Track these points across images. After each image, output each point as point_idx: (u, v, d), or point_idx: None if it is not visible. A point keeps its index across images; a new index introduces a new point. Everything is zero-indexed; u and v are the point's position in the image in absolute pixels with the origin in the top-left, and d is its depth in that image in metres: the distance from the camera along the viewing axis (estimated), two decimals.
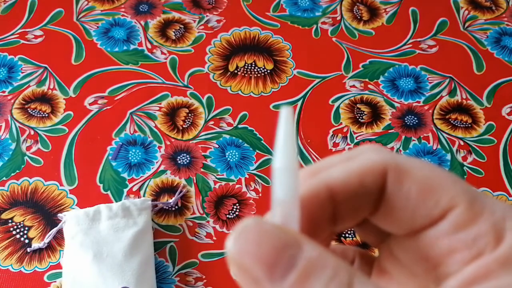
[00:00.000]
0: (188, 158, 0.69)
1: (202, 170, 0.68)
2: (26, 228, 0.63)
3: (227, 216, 0.65)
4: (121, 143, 0.69)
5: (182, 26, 0.80)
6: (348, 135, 0.71)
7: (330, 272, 0.15)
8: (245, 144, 0.70)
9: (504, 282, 0.16)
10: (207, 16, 0.81)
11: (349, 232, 0.65)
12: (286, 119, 0.17)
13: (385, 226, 0.20)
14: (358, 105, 0.74)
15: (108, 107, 0.72)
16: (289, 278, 0.15)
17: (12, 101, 0.72)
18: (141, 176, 0.67)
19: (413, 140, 0.71)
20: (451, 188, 0.18)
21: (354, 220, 0.20)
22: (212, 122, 0.71)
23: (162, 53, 0.77)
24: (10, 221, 0.63)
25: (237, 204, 0.66)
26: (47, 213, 0.64)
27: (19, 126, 0.70)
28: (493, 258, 0.17)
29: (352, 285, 0.15)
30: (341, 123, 0.72)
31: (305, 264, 0.15)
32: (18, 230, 0.63)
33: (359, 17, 0.82)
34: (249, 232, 0.16)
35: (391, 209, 0.19)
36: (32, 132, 0.69)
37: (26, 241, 0.62)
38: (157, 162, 0.68)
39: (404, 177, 0.18)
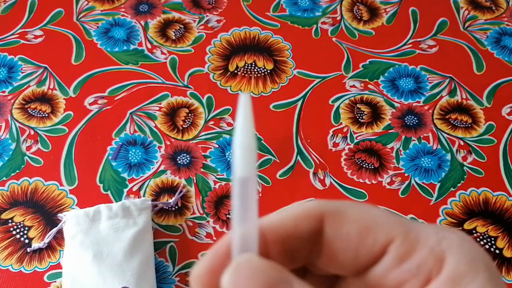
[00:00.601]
0: (188, 158, 0.69)
1: (202, 170, 0.68)
2: (26, 228, 0.63)
3: (227, 216, 0.65)
4: (121, 143, 0.69)
5: (182, 26, 0.80)
6: (348, 135, 0.71)
7: None
8: None
9: None
10: (207, 16, 0.81)
11: None
12: (244, 104, 0.18)
13: (330, 269, 0.20)
14: (358, 105, 0.74)
15: (108, 107, 0.72)
16: None
17: (12, 101, 0.72)
18: (141, 176, 0.67)
19: (413, 140, 0.71)
20: (385, 224, 0.19)
21: (289, 265, 0.20)
22: (212, 122, 0.71)
23: (162, 53, 0.77)
24: (10, 221, 0.63)
25: None
26: (47, 213, 0.64)
27: (19, 126, 0.70)
28: (442, 281, 0.17)
29: None
30: (341, 123, 0.72)
31: None
32: (18, 230, 0.63)
33: (359, 17, 0.82)
34: (242, 269, 0.17)
35: (333, 252, 0.19)
36: (32, 132, 0.69)
37: (26, 241, 0.62)
38: (157, 162, 0.68)
39: (341, 220, 0.19)
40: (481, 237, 0.64)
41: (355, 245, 0.19)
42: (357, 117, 0.73)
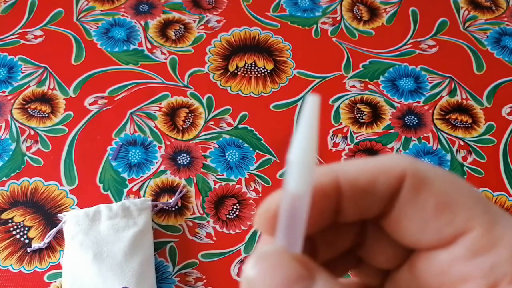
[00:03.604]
0: (188, 158, 0.69)
1: (202, 170, 0.68)
2: (26, 228, 0.63)
3: (227, 216, 0.65)
4: (121, 143, 0.69)
5: (182, 26, 0.80)
6: (348, 135, 0.71)
7: None
8: (245, 144, 0.70)
9: None
10: (207, 16, 0.81)
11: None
12: (310, 108, 0.15)
13: (392, 232, 0.19)
14: (358, 105, 0.74)
15: (108, 107, 0.72)
16: None
17: (12, 101, 0.72)
18: (141, 176, 0.67)
19: (413, 140, 0.71)
20: (470, 208, 0.16)
21: (357, 218, 0.19)
22: (212, 122, 0.71)
23: (162, 53, 0.77)
24: (10, 221, 0.63)
25: (237, 204, 0.66)
26: (47, 213, 0.64)
27: (19, 126, 0.70)
28: None
29: None
30: (341, 123, 0.72)
31: None
32: (18, 230, 0.63)
33: (359, 17, 0.82)
34: (265, 261, 0.16)
35: (401, 217, 0.18)
36: (32, 132, 0.69)
37: (26, 241, 0.62)
38: (157, 162, 0.68)
39: (423, 186, 0.17)
40: None
41: (427, 218, 0.17)
42: (357, 117, 0.73)
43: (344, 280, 0.22)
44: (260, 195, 0.67)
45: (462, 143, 0.71)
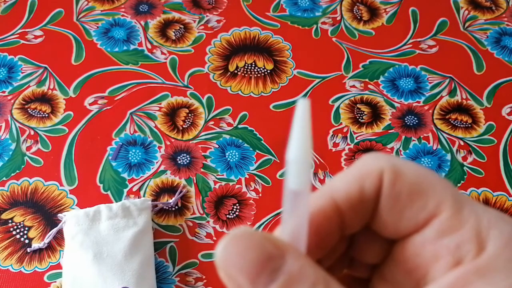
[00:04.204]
0: (188, 158, 0.69)
1: (202, 170, 0.68)
2: (26, 228, 0.63)
3: (227, 216, 0.65)
4: (121, 143, 0.69)
5: (182, 26, 0.80)
6: (348, 135, 0.71)
7: (308, 285, 0.16)
8: (245, 144, 0.70)
9: None
10: (207, 16, 0.81)
11: None
12: (302, 111, 0.17)
13: (375, 227, 0.20)
14: (358, 105, 0.74)
15: (108, 107, 0.72)
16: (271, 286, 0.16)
17: (12, 101, 0.72)
18: (141, 176, 0.67)
19: (413, 140, 0.71)
20: (439, 193, 0.18)
21: (361, 225, 0.20)
22: (212, 122, 0.71)
23: (162, 53, 0.77)
24: (10, 221, 0.63)
25: (237, 204, 0.66)
26: (47, 213, 0.64)
27: (19, 126, 0.70)
28: (473, 268, 0.17)
29: (322, 285, 0.16)
30: (341, 123, 0.72)
31: (285, 278, 0.16)
32: (18, 230, 0.63)
33: (359, 17, 0.82)
34: (235, 242, 0.16)
35: (382, 210, 0.19)
36: (32, 132, 0.69)
37: (26, 241, 0.62)
38: (157, 162, 0.68)
39: (398, 178, 0.19)
40: None
41: (402, 207, 0.18)
42: (357, 117, 0.73)
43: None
44: (260, 195, 0.67)
45: (462, 143, 0.71)
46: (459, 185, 0.68)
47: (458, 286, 0.17)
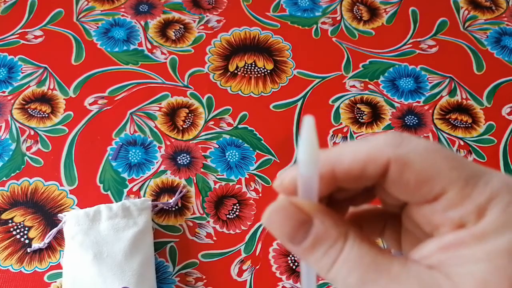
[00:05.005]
0: (188, 158, 0.69)
1: (202, 170, 0.68)
2: (26, 228, 0.63)
3: (227, 216, 0.65)
4: (121, 143, 0.69)
5: (182, 26, 0.80)
6: (348, 135, 0.71)
7: (330, 242, 0.21)
8: (245, 144, 0.70)
9: (471, 252, 0.19)
10: (207, 16, 0.81)
11: None
12: (308, 126, 0.20)
13: (385, 197, 0.24)
14: (358, 105, 0.74)
15: (108, 107, 0.72)
16: (303, 245, 0.22)
17: (12, 101, 0.72)
18: (141, 176, 0.67)
19: None
20: (446, 178, 0.20)
21: (353, 192, 0.25)
22: (212, 122, 0.71)
23: (162, 53, 0.77)
24: (10, 221, 0.63)
25: (237, 204, 0.66)
26: (47, 213, 0.64)
27: (19, 126, 0.70)
28: (470, 232, 0.20)
29: (343, 250, 0.21)
30: (341, 123, 0.72)
31: (313, 237, 0.21)
32: (18, 230, 0.63)
33: (359, 17, 0.82)
34: (275, 214, 0.22)
35: (392, 188, 0.22)
36: (32, 132, 0.69)
37: (26, 241, 0.62)
38: (157, 162, 0.68)
39: (405, 169, 0.21)
40: None
41: (412, 190, 0.21)
42: (357, 117, 0.73)
43: (370, 207, 0.27)
44: (260, 195, 0.67)
45: (462, 143, 0.71)
46: None
47: (455, 244, 0.20)
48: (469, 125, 0.73)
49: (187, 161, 0.68)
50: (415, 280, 0.20)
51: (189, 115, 0.72)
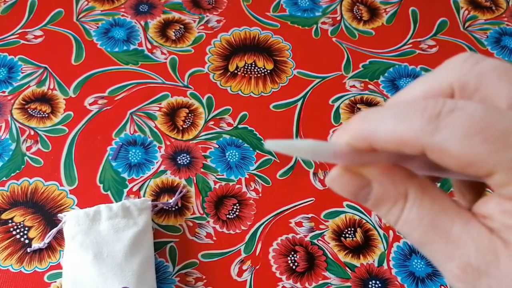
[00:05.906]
0: (188, 158, 0.69)
1: (202, 170, 0.68)
2: (26, 228, 0.63)
3: (227, 216, 0.65)
4: (121, 143, 0.69)
5: (182, 26, 0.80)
6: None
7: (391, 202, 0.22)
8: (245, 144, 0.70)
9: None
10: (207, 16, 0.81)
11: (349, 233, 0.65)
12: (279, 148, 0.22)
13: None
14: (358, 105, 0.74)
15: (108, 107, 0.72)
16: (368, 204, 0.23)
17: (12, 101, 0.72)
18: (141, 176, 0.67)
19: None
20: (487, 163, 0.19)
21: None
22: (212, 122, 0.71)
23: (162, 53, 0.77)
24: (10, 221, 0.63)
25: (237, 204, 0.66)
26: (47, 213, 0.64)
27: (19, 126, 0.70)
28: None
29: (403, 211, 0.22)
30: (341, 123, 0.72)
31: (374, 198, 0.23)
32: (18, 230, 0.63)
33: (359, 17, 0.82)
34: (338, 179, 0.24)
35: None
36: (32, 132, 0.69)
37: (26, 241, 0.62)
38: (157, 162, 0.68)
39: (442, 157, 0.20)
40: None
41: (453, 171, 0.22)
42: None
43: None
44: (260, 195, 0.67)
45: None
46: None
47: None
48: None
49: (187, 161, 0.68)
50: (473, 244, 0.20)
51: (189, 115, 0.72)
